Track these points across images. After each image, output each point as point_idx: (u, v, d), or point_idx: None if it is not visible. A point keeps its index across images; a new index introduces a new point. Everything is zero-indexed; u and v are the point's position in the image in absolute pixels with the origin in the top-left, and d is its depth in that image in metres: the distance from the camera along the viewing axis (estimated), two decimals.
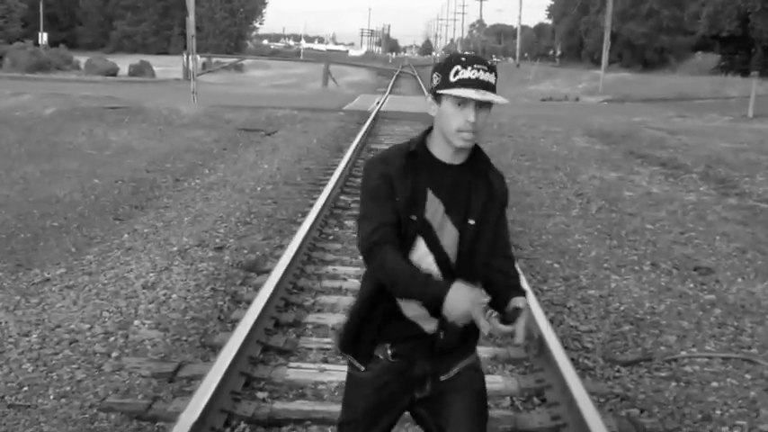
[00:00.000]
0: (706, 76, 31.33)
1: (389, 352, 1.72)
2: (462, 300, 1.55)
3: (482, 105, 1.60)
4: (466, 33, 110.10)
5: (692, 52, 40.57)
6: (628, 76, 32.32)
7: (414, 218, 1.65)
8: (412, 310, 1.70)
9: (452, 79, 1.59)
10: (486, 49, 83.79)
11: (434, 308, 1.62)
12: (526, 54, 56.05)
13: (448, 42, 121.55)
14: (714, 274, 4.95)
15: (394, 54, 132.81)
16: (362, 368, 1.75)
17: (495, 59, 62.73)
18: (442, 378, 1.75)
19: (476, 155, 1.72)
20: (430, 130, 1.72)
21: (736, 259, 5.36)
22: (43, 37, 32.35)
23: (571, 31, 50.02)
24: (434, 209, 1.67)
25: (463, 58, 1.62)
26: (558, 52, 49.45)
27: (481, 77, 1.58)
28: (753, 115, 16.97)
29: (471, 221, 1.68)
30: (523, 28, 57.18)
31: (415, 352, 1.72)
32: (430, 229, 1.67)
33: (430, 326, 1.71)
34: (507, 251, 1.83)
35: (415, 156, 1.67)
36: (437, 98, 1.64)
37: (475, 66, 1.59)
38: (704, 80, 28.65)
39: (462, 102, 1.59)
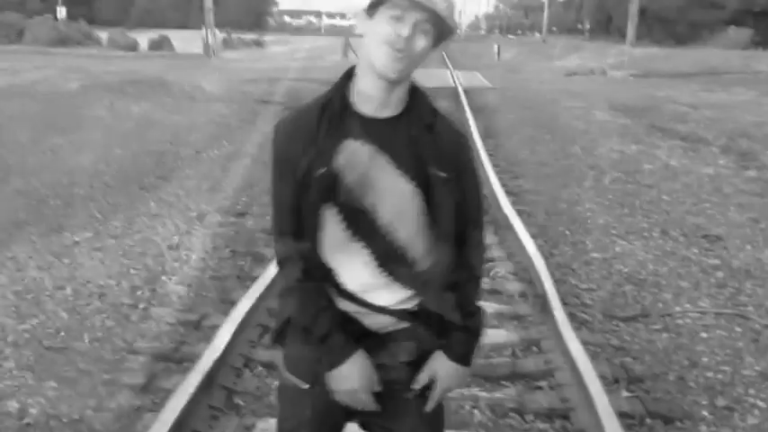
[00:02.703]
0: (737, 50, 30.55)
1: None
2: (352, 378, 1.30)
3: (424, 31, 1.27)
4: (491, 8, 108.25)
5: (725, 26, 39.49)
6: (656, 51, 31.69)
7: (322, 170, 1.29)
8: (345, 304, 1.36)
9: None
10: (512, 24, 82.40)
11: (375, 307, 1.35)
12: (554, 28, 54.96)
13: (473, 18, 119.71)
14: (723, 241, 5.03)
15: None
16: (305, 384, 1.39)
17: (511, 37, 61.36)
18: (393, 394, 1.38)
19: (415, 103, 1.35)
20: (350, 77, 1.36)
21: (747, 228, 5.41)
22: (62, 11, 32.57)
23: (599, 4, 48.99)
24: (353, 151, 1.29)
25: None
26: (587, 26, 48.44)
27: None
28: None
29: (439, 173, 1.29)
30: (551, 2, 56.06)
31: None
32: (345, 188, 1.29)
33: (374, 322, 1.36)
34: (474, 232, 1.39)
35: (332, 106, 1.32)
36: (371, 13, 1.28)
37: None
38: (734, 54, 27.98)
39: (399, 15, 1.25)
